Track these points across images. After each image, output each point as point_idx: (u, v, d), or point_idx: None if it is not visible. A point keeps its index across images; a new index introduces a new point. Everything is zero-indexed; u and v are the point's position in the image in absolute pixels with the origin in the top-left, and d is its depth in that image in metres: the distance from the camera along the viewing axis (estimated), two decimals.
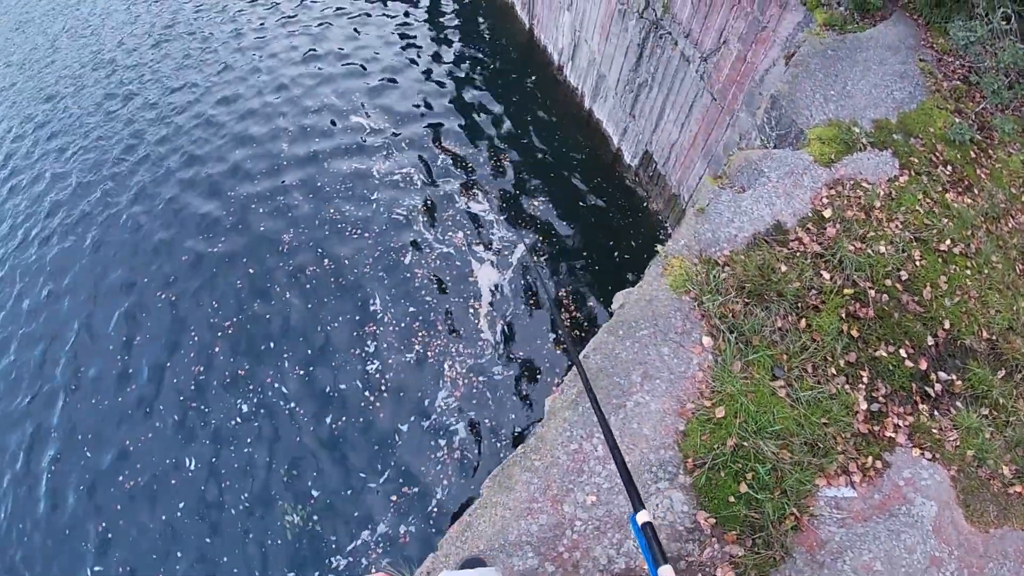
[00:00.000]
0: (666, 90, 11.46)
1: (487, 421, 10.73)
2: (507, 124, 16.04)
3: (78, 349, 12.08)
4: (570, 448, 4.63)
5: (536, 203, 13.94)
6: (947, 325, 5.83)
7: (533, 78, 17.34)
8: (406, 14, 20.09)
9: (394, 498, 9.98)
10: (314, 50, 18.64)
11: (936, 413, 5.37)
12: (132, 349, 11.88)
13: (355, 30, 19.50)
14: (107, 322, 12.36)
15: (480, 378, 11.15)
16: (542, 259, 12.94)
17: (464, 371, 11.25)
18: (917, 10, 9.27)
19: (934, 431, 5.20)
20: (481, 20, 19.81)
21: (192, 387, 11.21)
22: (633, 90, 12.77)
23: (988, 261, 6.45)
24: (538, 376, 11.28)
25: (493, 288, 12.39)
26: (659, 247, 5.88)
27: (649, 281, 5.50)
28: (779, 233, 5.98)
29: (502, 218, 13.58)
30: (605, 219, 13.79)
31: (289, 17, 20.17)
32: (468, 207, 13.84)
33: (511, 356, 11.48)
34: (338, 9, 20.34)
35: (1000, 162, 7.56)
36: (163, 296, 12.48)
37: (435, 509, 9.90)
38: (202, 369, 11.39)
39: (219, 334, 11.80)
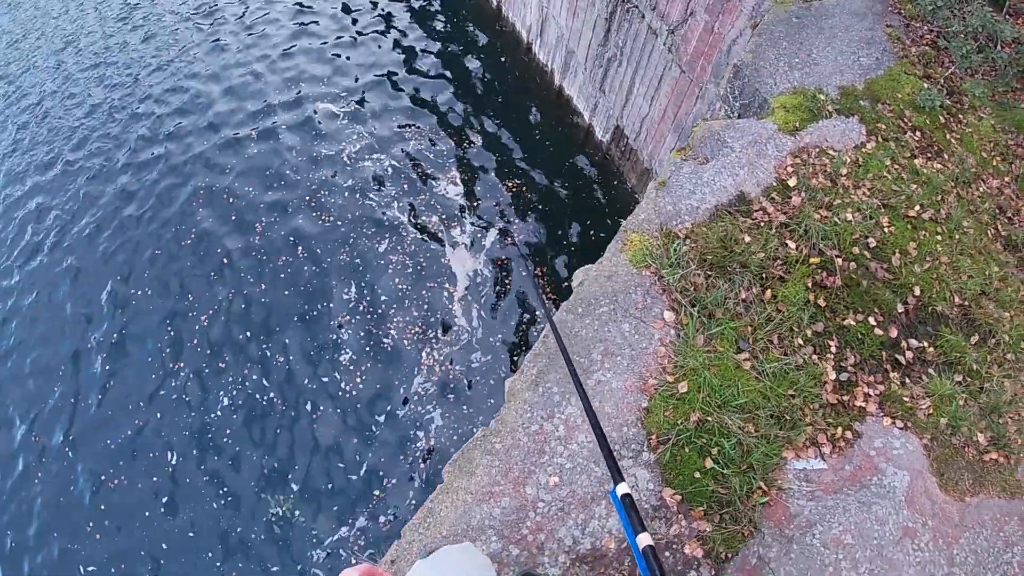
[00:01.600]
0: (635, 64, 11.31)
1: (464, 408, 10.64)
2: (477, 105, 15.86)
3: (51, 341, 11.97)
4: (531, 429, 4.52)
5: (510, 184, 13.80)
6: (917, 292, 5.74)
7: (503, 57, 17.12)
8: None
9: (377, 492, 9.89)
10: (272, 25, 18.50)
11: (907, 381, 5.29)
12: (105, 344, 11.70)
13: (303, 6, 19.26)
14: (81, 314, 12.22)
15: (457, 366, 11.05)
16: (519, 238, 12.79)
17: (440, 359, 11.14)
18: None
19: (906, 399, 5.12)
20: (443, 2, 19.53)
21: (172, 383, 11.07)
22: (602, 65, 12.61)
23: (959, 226, 6.37)
24: (515, 360, 11.17)
25: (468, 273, 12.27)
26: (623, 222, 5.76)
27: (609, 257, 5.39)
28: (742, 204, 5.87)
29: (476, 201, 13.44)
30: (580, 197, 13.67)
31: None
32: (441, 190, 13.69)
33: (487, 341, 11.37)
34: None
35: (971, 127, 7.47)
36: (135, 291, 12.29)
37: (413, 500, 9.82)
38: (182, 365, 11.24)
39: (196, 327, 11.65)
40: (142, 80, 17.25)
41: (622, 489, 2.27)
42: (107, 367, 11.42)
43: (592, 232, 13.00)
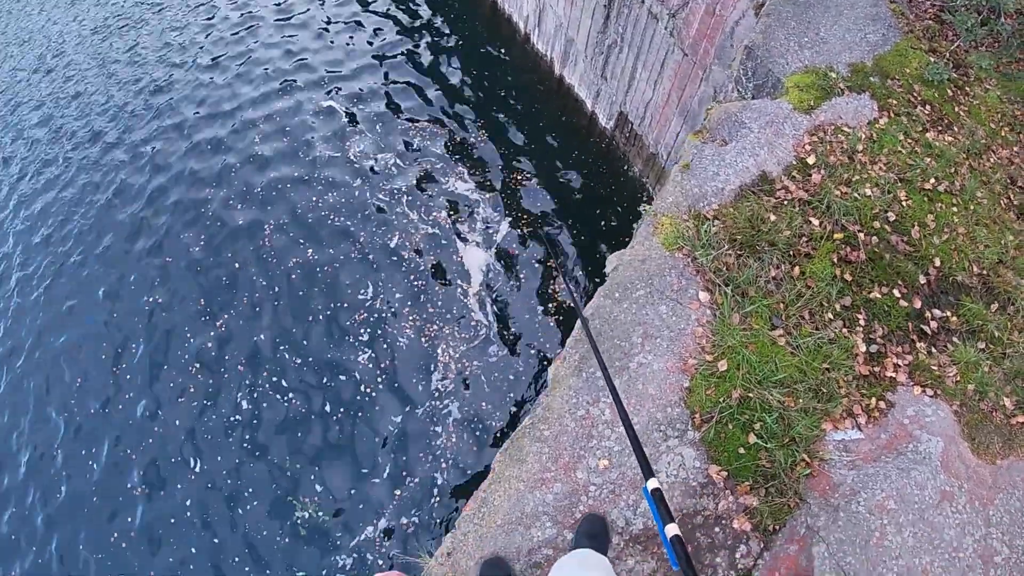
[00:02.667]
0: (636, 49, 11.37)
1: (484, 404, 10.72)
2: (479, 99, 15.89)
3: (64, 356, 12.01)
4: (577, 415, 4.63)
5: (517, 177, 13.86)
6: (938, 263, 5.86)
7: (501, 49, 17.15)
8: None
9: (397, 492, 9.97)
10: (266, 20, 18.46)
11: (934, 350, 5.41)
12: (123, 349, 11.75)
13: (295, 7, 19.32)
14: (91, 320, 12.29)
15: (474, 361, 11.12)
16: (543, 230, 12.85)
17: (457, 355, 11.21)
18: None
19: (933, 368, 5.24)
20: None
21: (190, 388, 11.12)
22: (603, 52, 12.66)
23: (973, 197, 6.49)
24: (531, 352, 11.26)
25: (481, 267, 12.33)
26: (645, 207, 5.87)
27: (640, 241, 5.48)
28: (765, 183, 5.97)
29: (485, 196, 13.49)
30: (587, 187, 13.73)
31: None
32: (448, 186, 13.75)
33: (503, 335, 11.45)
34: None
35: (978, 99, 7.58)
36: (148, 298, 12.35)
37: (436, 500, 9.91)
38: (198, 367, 11.29)
39: (211, 332, 11.72)
40: (151, 75, 17.36)
41: (652, 484, 2.51)
42: (123, 375, 11.52)
43: (602, 220, 13.06)
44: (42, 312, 12.65)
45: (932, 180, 6.42)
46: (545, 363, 11.07)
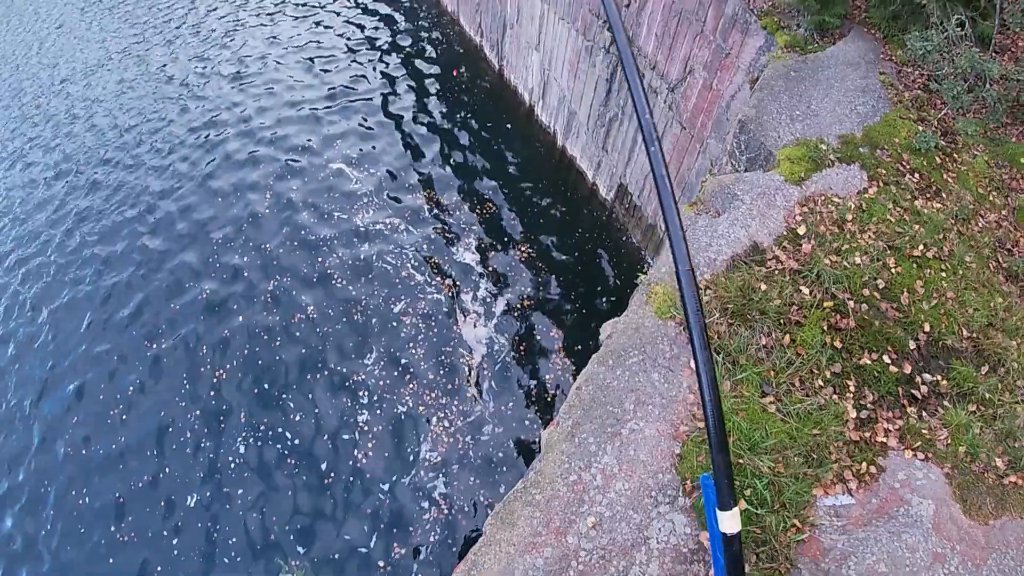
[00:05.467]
0: (636, 122, 11.67)
1: (472, 479, 10.79)
2: (485, 170, 16.30)
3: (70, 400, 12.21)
4: (569, 480, 4.72)
5: (521, 248, 14.12)
6: (927, 328, 5.96)
7: (506, 120, 17.63)
8: (378, 57, 20.63)
9: (382, 564, 10.01)
10: (290, 93, 19.09)
11: (924, 414, 5.48)
12: (125, 396, 11.98)
13: (322, 69, 19.97)
14: (98, 370, 12.49)
15: (467, 436, 11.21)
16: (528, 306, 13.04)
17: (451, 428, 11.31)
18: (874, 25, 9.53)
19: (924, 432, 5.31)
20: (450, 65, 20.18)
21: (186, 436, 11.28)
22: (604, 124, 13.03)
23: (962, 262, 6.60)
24: (523, 434, 11.32)
25: (482, 339, 12.49)
26: (641, 276, 6.01)
27: (634, 309, 5.63)
28: (756, 253, 6.13)
29: (489, 267, 13.74)
30: (588, 255, 13.97)
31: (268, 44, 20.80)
32: (454, 255, 14.01)
33: (499, 412, 11.53)
34: (307, 54, 20.82)
35: (966, 164, 7.74)
36: (152, 344, 12.55)
37: (421, 570, 9.95)
38: (197, 414, 11.47)
39: (213, 380, 11.90)
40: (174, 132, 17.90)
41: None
42: (123, 417, 11.67)
43: (601, 289, 13.25)
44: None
45: (921, 247, 6.55)
46: (536, 448, 11.10)
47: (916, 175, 7.36)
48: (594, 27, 12.79)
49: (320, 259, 13.78)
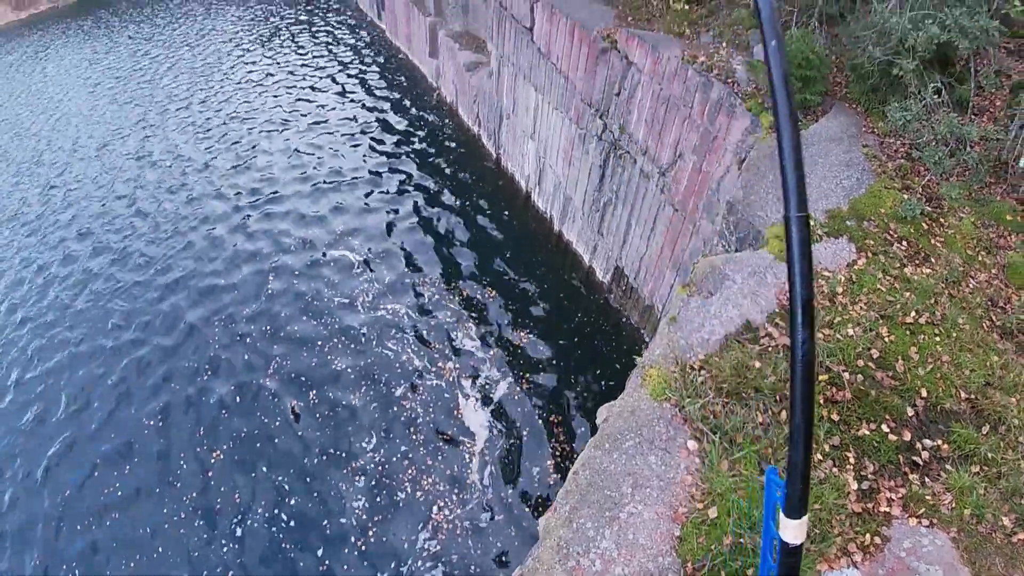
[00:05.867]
0: (630, 206, 12.08)
1: (472, 567, 10.76)
2: (483, 254, 16.72)
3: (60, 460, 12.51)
4: (568, 566, 4.82)
5: (520, 333, 14.33)
6: (924, 393, 6.07)
7: (504, 207, 18.16)
8: (380, 145, 21.57)
9: None
10: (288, 175, 20.01)
11: (927, 480, 5.54)
12: (121, 471, 12.20)
13: (315, 157, 21.01)
14: (96, 447, 12.78)
15: (465, 522, 11.22)
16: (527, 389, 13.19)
17: (451, 516, 11.32)
18: (855, 99, 9.90)
19: (928, 497, 5.37)
20: (449, 152, 20.95)
21: (181, 514, 11.40)
22: (599, 209, 13.42)
23: (955, 324, 6.73)
24: (523, 524, 11.32)
25: (482, 424, 12.59)
26: (637, 359, 6.18)
27: (630, 392, 5.79)
28: (749, 331, 6.31)
29: (490, 352, 13.94)
30: (587, 338, 14.15)
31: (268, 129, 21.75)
32: (454, 341, 14.25)
33: (498, 500, 11.53)
34: (311, 136, 21.79)
35: (952, 228, 7.93)
36: (150, 423, 12.78)
37: None
38: (194, 495, 11.61)
39: (211, 460, 12.08)
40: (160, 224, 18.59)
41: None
42: (119, 493, 11.89)
43: (600, 372, 13.38)
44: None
45: (913, 313, 6.70)
46: (534, 538, 11.08)
47: (904, 243, 7.56)
48: (586, 116, 13.28)
49: (319, 343, 14.08)
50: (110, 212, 19.99)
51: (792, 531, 2.32)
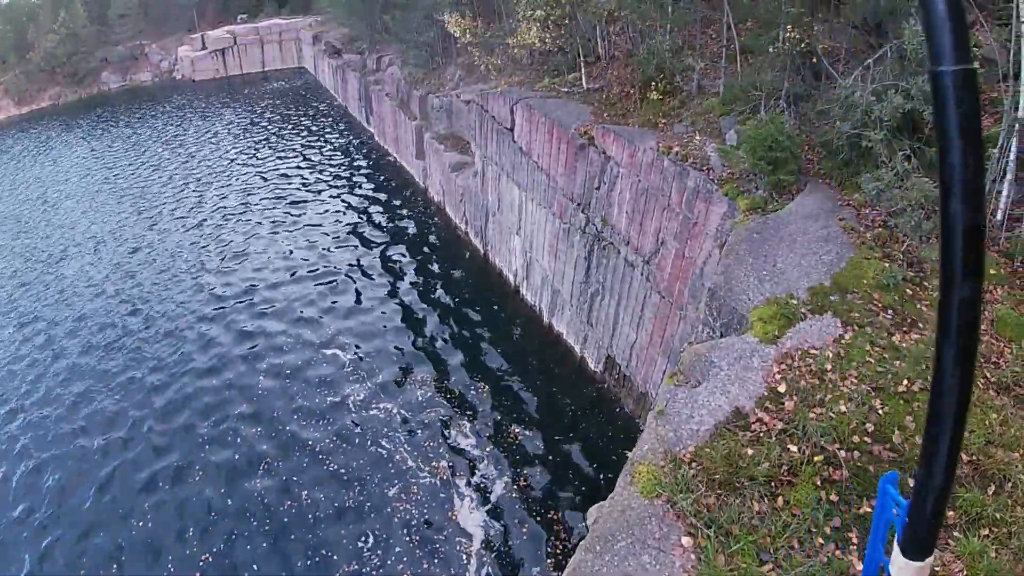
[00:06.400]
0: (617, 295, 12.27)
1: None
2: (475, 350, 16.84)
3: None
4: None
5: (515, 429, 14.26)
6: None
7: (494, 302, 18.42)
8: (371, 246, 22.11)
9: None
10: (278, 276, 20.48)
11: (935, 551, 5.45)
12: (107, 571, 12.03)
13: (306, 256, 21.49)
14: (83, 545, 12.67)
15: None
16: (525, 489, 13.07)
17: None
18: (828, 175, 10.11)
19: (938, 569, 5.27)
20: (438, 250, 21.39)
21: None
22: (587, 300, 13.63)
23: None
24: None
25: (478, 524, 12.38)
26: (628, 453, 6.18)
27: (620, 491, 5.76)
28: (739, 418, 6.32)
29: (485, 450, 13.85)
30: (582, 431, 14.05)
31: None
32: (447, 437, 14.19)
33: None
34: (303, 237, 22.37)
35: (937, 290, 7.92)
36: (139, 523, 12.75)
37: None
38: None
39: (200, 563, 11.91)
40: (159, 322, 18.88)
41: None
42: None
43: (596, 464, 13.22)
44: None
45: (905, 381, 6.69)
46: None
47: (890, 311, 7.60)
48: (569, 210, 13.59)
49: (311, 443, 14.07)
50: (103, 309, 20.59)
51: (913, 571, 1.80)
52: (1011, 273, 8.27)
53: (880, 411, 6.43)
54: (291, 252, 22.42)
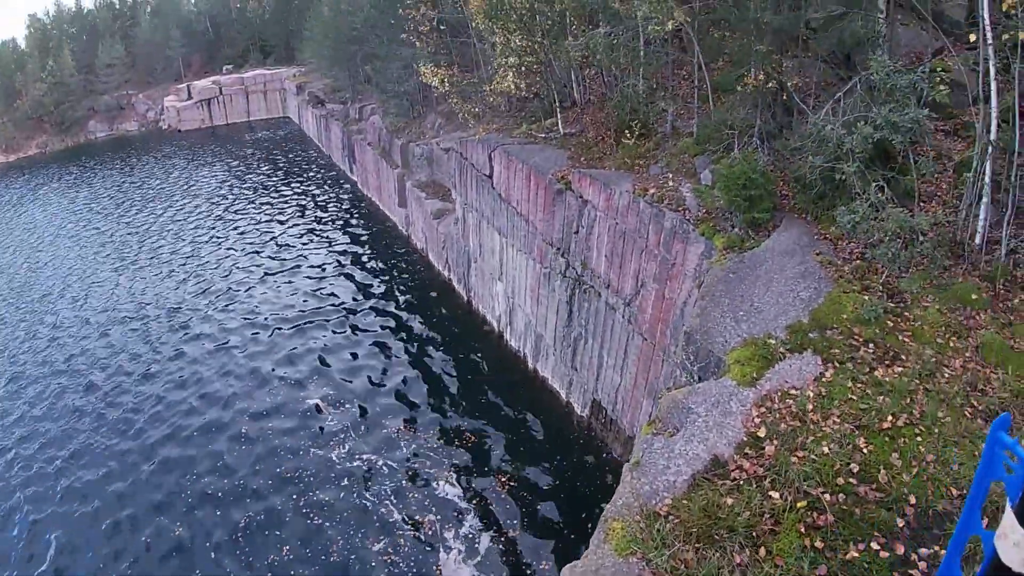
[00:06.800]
0: (600, 338, 12.21)
1: None
2: (460, 399, 16.74)
3: None
4: None
5: (501, 479, 14.04)
6: (913, 500, 5.84)
7: (478, 348, 18.39)
8: (353, 297, 22.16)
9: None
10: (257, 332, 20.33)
11: None
12: None
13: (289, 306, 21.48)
14: None
15: None
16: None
17: None
18: (803, 210, 10.07)
19: None
20: (422, 298, 21.38)
21: None
22: (571, 344, 13.57)
23: (935, 420, 6.53)
24: None
25: None
26: (604, 506, 6.01)
27: (593, 550, 5.59)
28: (718, 467, 6.16)
29: (472, 502, 13.61)
30: (570, 481, 13.80)
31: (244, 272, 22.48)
32: (434, 489, 13.96)
33: None
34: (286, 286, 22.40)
35: (918, 319, 7.84)
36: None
37: None
38: None
39: None
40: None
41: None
42: None
43: (586, 514, 12.96)
44: None
45: (890, 417, 6.53)
46: None
47: (871, 345, 7.48)
48: (549, 255, 13.58)
49: (295, 496, 13.85)
50: (92, 360, 20.49)
51: (1020, 544, 1.45)
52: (993, 297, 8.18)
53: (864, 450, 6.28)
54: (275, 301, 22.57)
